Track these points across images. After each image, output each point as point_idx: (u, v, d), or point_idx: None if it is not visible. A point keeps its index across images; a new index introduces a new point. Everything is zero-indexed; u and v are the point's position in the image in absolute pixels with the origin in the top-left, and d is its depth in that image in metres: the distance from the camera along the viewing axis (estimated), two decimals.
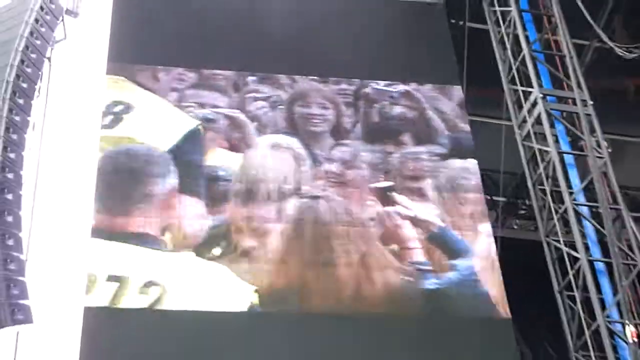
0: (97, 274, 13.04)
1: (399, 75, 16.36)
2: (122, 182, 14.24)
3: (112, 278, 13.06)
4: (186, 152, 14.76)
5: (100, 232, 13.54)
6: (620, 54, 15.74)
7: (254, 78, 15.99)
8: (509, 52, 15.76)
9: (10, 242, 11.82)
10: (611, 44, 15.88)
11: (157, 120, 15.09)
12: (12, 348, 12.02)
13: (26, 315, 11.52)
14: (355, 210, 14.67)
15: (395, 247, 14.35)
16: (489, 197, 16.61)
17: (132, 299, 12.95)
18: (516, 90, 15.52)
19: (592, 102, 14.96)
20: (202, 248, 13.76)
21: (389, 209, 14.77)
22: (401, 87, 16.34)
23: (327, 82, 16.19)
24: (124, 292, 12.94)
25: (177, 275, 13.31)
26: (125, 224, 13.75)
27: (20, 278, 11.72)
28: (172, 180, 14.34)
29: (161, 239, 13.69)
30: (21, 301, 11.54)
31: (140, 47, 15.75)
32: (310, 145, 15.32)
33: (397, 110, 16.23)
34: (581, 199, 14.28)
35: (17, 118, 12.76)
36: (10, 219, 11.98)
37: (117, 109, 14.94)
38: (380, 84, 16.33)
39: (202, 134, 15.03)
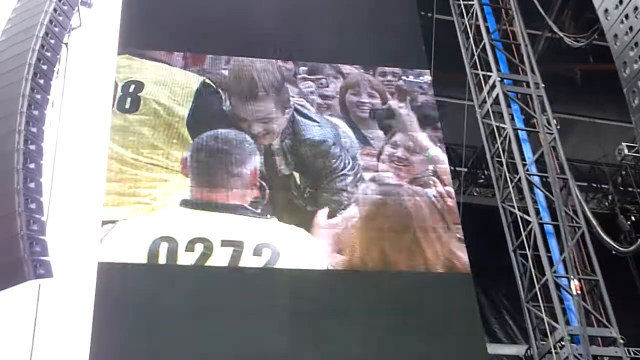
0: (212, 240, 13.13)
1: (375, 60, 16.25)
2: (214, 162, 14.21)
3: (226, 243, 13.17)
4: None
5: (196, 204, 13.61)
6: (569, 43, 15.77)
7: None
8: (471, 40, 15.77)
9: (33, 206, 11.75)
10: (561, 34, 15.92)
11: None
12: (34, 299, 11.98)
13: (47, 270, 11.46)
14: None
15: None
16: (452, 168, 16.62)
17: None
18: (477, 75, 15.55)
19: (543, 85, 15.04)
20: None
21: None
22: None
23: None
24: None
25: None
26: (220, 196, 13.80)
27: (42, 237, 11.66)
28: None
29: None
30: (42, 257, 11.50)
31: (147, 33, 15.57)
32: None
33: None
34: (533, 169, 14.37)
35: (38, 96, 12.65)
36: (32, 185, 11.90)
37: (131, 88, 14.78)
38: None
39: None
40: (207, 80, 15.15)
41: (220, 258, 13.04)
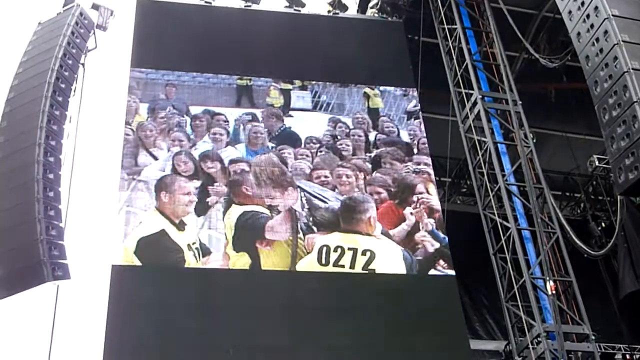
0: None
1: (367, 80, 16.29)
2: None
3: None
4: None
5: None
6: (544, 63, 15.77)
7: None
8: (455, 61, 15.76)
9: (52, 213, 11.80)
10: (537, 55, 15.92)
11: None
12: (53, 299, 11.97)
13: (65, 272, 11.48)
14: None
15: None
16: (437, 178, 16.60)
17: None
18: (460, 92, 15.54)
19: (520, 102, 15.03)
20: None
21: None
22: None
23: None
24: None
25: None
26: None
27: (60, 242, 11.68)
28: None
29: None
30: (61, 261, 11.50)
31: (156, 55, 15.57)
32: None
33: None
34: (511, 179, 14.35)
35: (56, 112, 12.72)
36: (51, 194, 11.95)
37: None
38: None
39: None
40: None
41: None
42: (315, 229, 13.71)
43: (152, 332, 11.98)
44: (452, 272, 13.73)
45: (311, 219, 13.84)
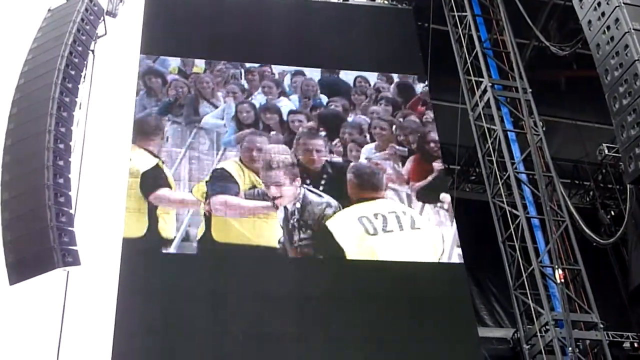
0: None
1: (377, 67, 16.24)
2: None
3: None
4: None
5: None
6: (555, 51, 15.71)
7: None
8: (465, 49, 15.72)
9: (62, 199, 11.83)
10: (547, 43, 15.85)
11: None
12: (63, 285, 12.04)
13: (75, 258, 11.52)
14: None
15: None
16: (446, 166, 16.59)
17: None
18: (470, 80, 15.51)
19: (530, 90, 14.99)
20: None
21: None
22: None
23: None
24: None
25: None
26: None
27: (70, 228, 11.72)
28: None
29: None
30: (71, 247, 11.54)
31: (167, 41, 15.57)
32: None
33: None
34: (521, 168, 14.34)
35: (66, 99, 12.72)
36: (61, 180, 11.97)
37: None
38: None
39: None
40: None
41: None
42: None
43: (162, 317, 12.06)
44: (461, 261, 13.74)
45: None
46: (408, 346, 12.57)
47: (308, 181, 14.10)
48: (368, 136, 15.13)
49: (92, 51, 14.09)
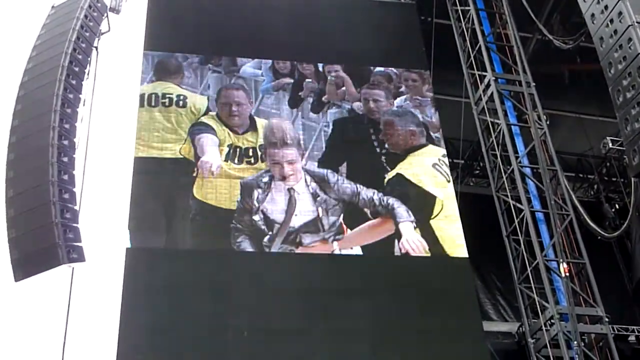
0: None
1: (380, 61, 16.23)
2: None
3: None
4: None
5: None
6: (558, 45, 15.71)
7: None
8: (468, 43, 15.73)
9: (66, 196, 11.80)
10: (550, 37, 15.85)
11: None
12: (68, 281, 12.04)
13: (79, 254, 11.52)
14: None
15: None
16: (450, 160, 16.57)
17: None
18: (473, 74, 15.51)
19: (534, 84, 14.98)
20: None
21: None
22: None
23: None
24: None
25: None
26: None
27: (75, 224, 11.71)
28: None
29: None
30: (75, 243, 11.54)
31: (170, 38, 15.57)
32: None
33: None
34: (525, 161, 14.33)
35: (70, 95, 12.69)
36: (66, 177, 11.95)
37: None
38: None
39: None
40: None
41: None
42: None
43: (166, 314, 12.09)
44: (465, 255, 13.74)
45: None
46: (413, 340, 12.59)
47: None
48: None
49: (96, 48, 14.08)
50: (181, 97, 14.59)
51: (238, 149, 14.15)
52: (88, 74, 13.55)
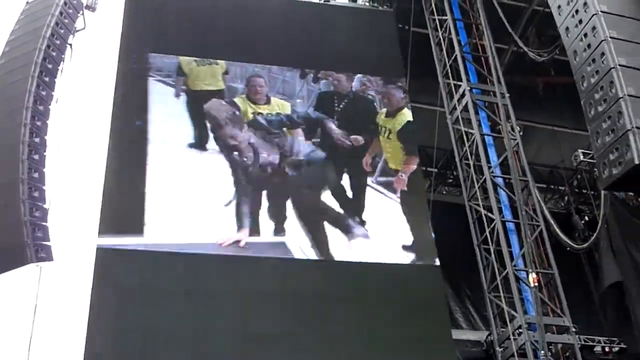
0: None
1: (357, 68, 16.25)
2: None
3: None
4: None
5: None
6: (533, 57, 15.83)
7: None
8: (444, 52, 15.78)
9: (36, 194, 11.72)
10: (526, 48, 15.97)
11: None
12: (36, 280, 11.92)
13: (48, 253, 11.42)
14: None
15: None
16: (424, 168, 16.64)
17: None
18: (449, 84, 15.57)
19: (508, 95, 15.06)
20: None
21: None
22: None
23: None
24: None
25: None
26: None
27: (44, 223, 11.62)
28: None
29: None
30: (44, 242, 11.44)
31: (147, 37, 15.45)
32: None
33: None
34: (497, 172, 14.41)
35: (43, 93, 12.59)
36: (36, 175, 11.87)
37: None
38: None
39: None
40: None
41: None
42: None
43: (136, 316, 11.94)
44: (437, 263, 13.79)
45: None
46: (382, 347, 12.57)
47: None
48: None
49: (70, 45, 13.97)
50: None
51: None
52: (62, 71, 13.44)
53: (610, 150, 9.76)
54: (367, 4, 18.07)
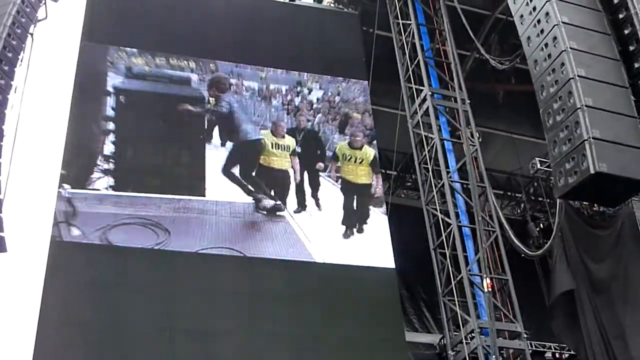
0: None
1: (319, 69, 16.26)
2: None
3: None
4: None
5: None
6: (494, 64, 16.02)
7: None
8: (407, 56, 15.86)
9: None
10: (487, 56, 16.14)
11: None
12: None
13: (1, 245, 11.22)
14: None
15: None
16: (383, 171, 16.71)
17: None
18: (410, 88, 15.65)
19: (469, 101, 15.20)
20: None
21: None
22: None
23: None
24: None
25: None
26: None
27: None
28: None
29: None
30: None
31: (109, 29, 15.27)
32: None
33: None
34: (455, 177, 14.55)
35: (1, 82, 12.33)
36: None
37: None
38: None
39: None
40: None
41: None
42: None
43: (88, 311, 11.85)
44: (392, 265, 13.86)
45: None
46: (334, 346, 12.64)
47: None
48: None
49: (31, 34, 13.74)
50: None
51: None
52: (22, 60, 13.21)
53: (566, 160, 9.91)
54: (332, 5, 18.06)
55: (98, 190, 13.20)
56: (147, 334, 11.97)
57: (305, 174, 14.71)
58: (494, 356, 12.33)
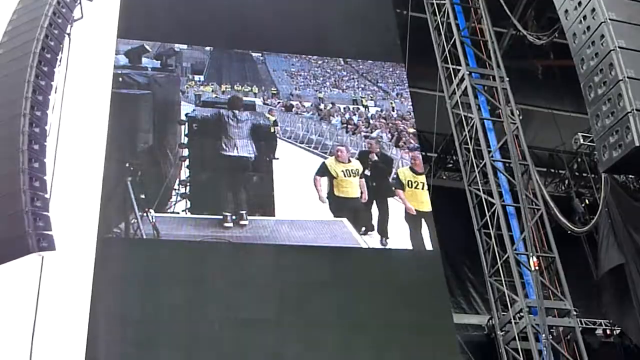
0: None
1: (354, 53, 16.24)
2: None
3: None
4: None
5: None
6: (532, 40, 15.83)
7: None
8: (443, 37, 15.76)
9: (37, 184, 11.66)
10: (524, 32, 15.97)
11: None
12: (38, 271, 11.92)
13: (50, 243, 11.41)
14: None
15: None
16: (424, 153, 16.64)
17: None
18: (448, 68, 15.55)
19: (507, 79, 15.07)
20: None
21: None
22: None
23: None
24: None
25: None
26: None
27: (45, 213, 11.59)
28: None
29: None
30: (46, 232, 11.43)
31: (144, 26, 15.45)
32: None
33: None
34: (497, 156, 14.42)
35: (42, 82, 12.52)
36: (37, 165, 11.82)
37: None
38: None
39: None
40: None
41: None
42: None
43: (138, 304, 12.04)
44: (437, 247, 13.83)
45: None
46: (384, 332, 12.60)
47: None
48: None
49: (68, 34, 13.92)
50: None
51: None
52: (60, 61, 13.41)
53: (610, 133, 9.75)
54: None
55: (177, 213, 13.40)
56: (197, 326, 12.10)
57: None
58: (543, 335, 12.22)
